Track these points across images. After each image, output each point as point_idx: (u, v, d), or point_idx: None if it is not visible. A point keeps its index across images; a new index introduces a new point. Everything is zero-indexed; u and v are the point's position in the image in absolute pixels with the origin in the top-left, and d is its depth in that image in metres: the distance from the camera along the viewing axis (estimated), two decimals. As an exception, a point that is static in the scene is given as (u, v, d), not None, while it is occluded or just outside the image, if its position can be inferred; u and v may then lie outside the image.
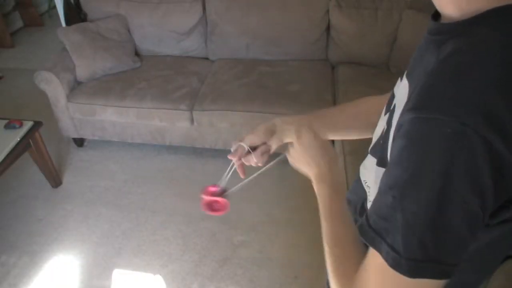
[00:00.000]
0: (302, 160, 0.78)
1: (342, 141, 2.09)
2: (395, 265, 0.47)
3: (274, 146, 0.87)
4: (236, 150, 0.92)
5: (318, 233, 0.63)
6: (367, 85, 2.42)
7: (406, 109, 0.48)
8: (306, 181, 0.75)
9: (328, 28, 2.73)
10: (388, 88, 0.90)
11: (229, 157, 0.93)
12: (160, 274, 2.00)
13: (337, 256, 0.61)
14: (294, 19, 2.69)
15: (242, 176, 0.97)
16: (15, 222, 2.31)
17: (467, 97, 0.42)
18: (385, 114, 0.68)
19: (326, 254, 0.63)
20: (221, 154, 2.70)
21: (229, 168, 0.98)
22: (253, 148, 0.91)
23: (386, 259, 0.48)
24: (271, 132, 0.87)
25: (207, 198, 1.01)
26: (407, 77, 0.59)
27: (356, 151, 1.98)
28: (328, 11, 2.65)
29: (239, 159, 0.93)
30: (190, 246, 2.13)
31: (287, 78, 2.60)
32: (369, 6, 2.60)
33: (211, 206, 1.03)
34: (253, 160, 0.92)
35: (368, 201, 0.75)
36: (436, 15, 0.56)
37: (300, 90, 2.48)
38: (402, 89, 0.60)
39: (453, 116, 0.42)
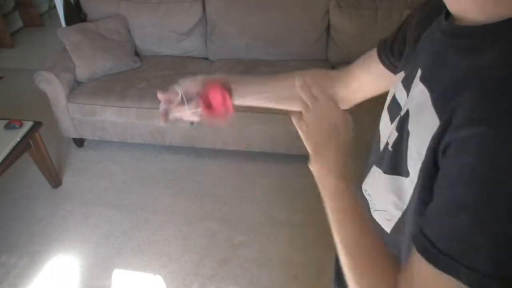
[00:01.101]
0: (313, 137, 0.67)
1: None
2: (481, 286, 0.44)
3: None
4: (167, 92, 0.82)
5: (318, 233, 0.62)
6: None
7: (459, 124, 0.45)
8: (306, 181, 0.71)
9: (328, 28, 2.73)
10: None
11: (158, 95, 0.84)
12: (160, 274, 2.00)
13: (366, 270, 0.56)
14: (294, 19, 2.69)
15: (162, 123, 0.85)
16: (15, 222, 2.31)
17: None
18: (392, 121, 0.66)
19: (347, 266, 0.58)
20: (221, 154, 2.70)
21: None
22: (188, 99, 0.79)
23: (467, 281, 0.44)
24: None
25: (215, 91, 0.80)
26: (424, 82, 0.55)
27: (356, 152, 1.98)
28: (328, 11, 2.65)
29: (168, 102, 0.84)
30: (190, 246, 2.13)
31: (287, 78, 2.60)
32: (369, 6, 2.60)
33: (211, 104, 0.84)
34: (185, 112, 0.82)
35: (371, 210, 0.73)
36: (447, 14, 0.53)
37: (300, 90, 2.48)
38: (417, 95, 0.57)
39: None
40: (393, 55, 0.73)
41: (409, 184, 0.54)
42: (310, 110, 0.66)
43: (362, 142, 0.77)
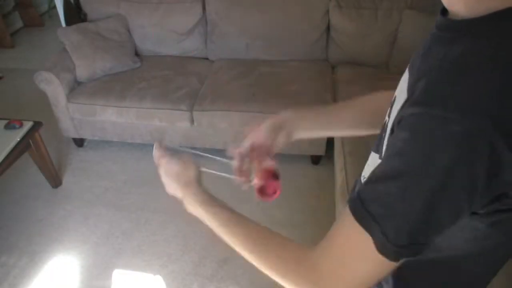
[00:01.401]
0: (168, 187, 0.88)
1: (342, 141, 2.09)
2: (382, 249, 0.49)
3: (282, 143, 0.89)
4: (235, 148, 0.91)
5: (318, 233, 0.63)
6: (367, 85, 2.42)
7: (411, 102, 0.49)
8: (306, 181, 0.73)
9: (328, 28, 2.73)
10: (388, 88, 0.89)
11: (230, 152, 0.93)
12: (160, 275, 2.00)
13: (268, 251, 0.65)
14: (294, 19, 2.69)
15: (245, 187, 0.97)
16: (15, 222, 2.31)
17: (477, 97, 0.44)
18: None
19: (253, 258, 0.67)
20: (221, 154, 2.69)
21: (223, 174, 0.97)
22: (257, 149, 0.88)
23: (376, 242, 0.49)
24: (278, 129, 0.88)
25: (264, 177, 0.89)
26: (409, 70, 0.59)
27: (356, 152, 1.98)
28: (328, 11, 2.65)
29: (238, 161, 0.92)
30: (190, 246, 2.13)
31: (287, 78, 2.60)
32: (369, 6, 2.60)
33: (264, 189, 0.92)
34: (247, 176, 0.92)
35: None
36: (445, 10, 0.56)
37: (300, 90, 2.48)
38: (402, 82, 0.61)
39: (462, 116, 0.43)
40: None
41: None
42: (160, 172, 0.89)
43: (367, 147, 0.79)
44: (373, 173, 0.53)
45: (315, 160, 2.56)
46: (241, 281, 1.94)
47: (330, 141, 2.43)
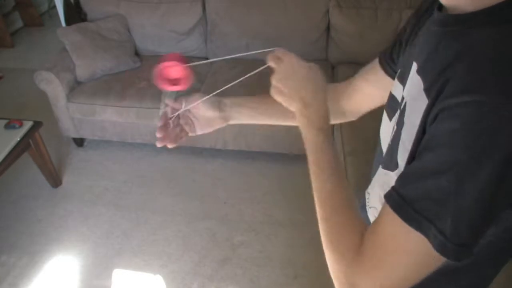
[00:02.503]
0: (284, 90, 0.68)
1: (342, 141, 2.09)
2: (441, 249, 0.47)
3: (217, 125, 0.87)
4: (173, 101, 0.87)
5: (318, 233, 0.62)
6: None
7: (450, 93, 0.47)
8: (306, 181, 0.72)
9: (328, 28, 2.73)
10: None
11: (166, 101, 0.88)
12: (160, 274, 2.00)
13: (336, 224, 0.59)
14: (294, 19, 2.69)
15: (160, 123, 0.87)
16: (15, 222, 2.31)
17: None
18: (390, 119, 0.68)
19: (320, 220, 0.60)
20: (221, 154, 2.70)
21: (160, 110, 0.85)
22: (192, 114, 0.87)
23: (432, 242, 0.47)
24: (220, 109, 0.87)
25: (165, 64, 0.80)
26: (419, 74, 0.58)
27: (356, 152, 1.99)
28: (328, 11, 2.65)
29: (169, 111, 0.87)
30: (190, 246, 2.13)
31: (287, 78, 2.60)
32: (369, 6, 2.60)
33: (167, 77, 0.83)
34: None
35: (367, 207, 0.74)
36: (440, 6, 0.56)
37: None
38: (413, 87, 0.59)
39: (506, 98, 0.42)
40: (394, 62, 0.75)
41: (395, 177, 0.56)
42: (278, 71, 0.69)
43: (367, 147, 0.78)
44: (411, 170, 0.51)
45: (315, 160, 2.56)
46: (241, 281, 1.94)
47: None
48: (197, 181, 2.53)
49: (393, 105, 0.67)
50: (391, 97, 0.69)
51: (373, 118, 0.91)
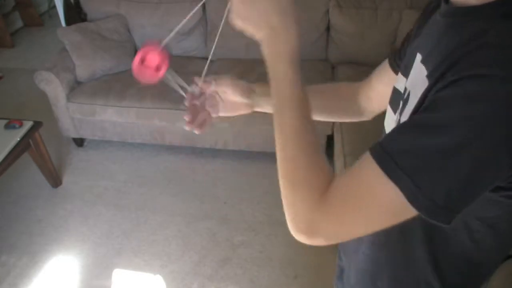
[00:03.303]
0: (247, 15, 0.60)
1: (342, 141, 2.09)
2: (412, 198, 0.46)
3: (243, 111, 0.86)
4: (203, 82, 0.86)
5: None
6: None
7: (457, 69, 0.46)
8: None
9: (328, 28, 2.73)
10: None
11: (196, 80, 0.87)
12: (160, 274, 2.00)
13: (302, 164, 0.55)
14: (294, 19, 2.69)
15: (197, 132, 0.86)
16: (15, 222, 2.31)
17: None
18: (395, 112, 0.69)
19: (281, 156, 0.56)
20: (221, 154, 2.70)
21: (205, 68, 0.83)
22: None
23: (403, 190, 0.47)
24: (249, 95, 0.86)
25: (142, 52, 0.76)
26: (423, 63, 0.58)
27: (356, 152, 1.98)
28: (328, 11, 2.65)
29: (197, 93, 0.88)
30: (190, 246, 2.13)
31: (287, 78, 2.60)
32: (369, 6, 2.60)
33: (143, 65, 0.79)
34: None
35: None
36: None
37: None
38: (416, 76, 0.59)
39: None
40: (401, 60, 0.76)
41: None
42: None
43: (367, 147, 0.79)
44: (399, 126, 0.51)
45: (315, 160, 2.56)
46: (241, 281, 1.94)
47: (330, 141, 2.44)
48: (197, 181, 2.53)
49: (396, 98, 0.68)
50: (394, 90, 0.70)
51: (373, 118, 0.92)
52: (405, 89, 0.64)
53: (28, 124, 2.25)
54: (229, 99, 0.87)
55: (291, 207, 0.57)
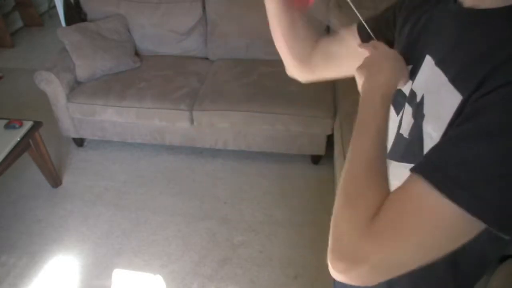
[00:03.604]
0: (372, 64, 0.68)
1: (342, 141, 2.09)
2: (479, 212, 0.43)
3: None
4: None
5: (318, 233, 0.62)
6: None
7: (504, 74, 0.45)
8: (306, 181, 0.72)
9: (328, 28, 2.73)
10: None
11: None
12: (160, 274, 2.00)
13: (362, 180, 0.53)
14: (294, 19, 2.69)
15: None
16: (15, 222, 2.31)
17: None
18: (398, 113, 0.69)
19: (346, 175, 0.56)
20: (221, 154, 2.70)
21: None
22: None
23: (465, 206, 0.43)
24: None
25: None
26: (439, 66, 0.57)
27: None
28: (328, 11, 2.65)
29: None
30: (190, 246, 2.13)
31: (287, 78, 2.57)
32: (369, 6, 2.60)
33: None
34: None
35: None
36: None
37: (300, 90, 2.48)
38: (432, 79, 0.59)
39: None
40: (378, 29, 0.79)
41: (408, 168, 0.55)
42: (372, 55, 0.70)
43: None
44: (444, 140, 0.49)
45: (315, 160, 2.56)
46: (241, 281, 1.94)
47: (330, 141, 2.44)
48: (197, 181, 2.53)
49: (399, 100, 0.68)
50: (399, 92, 0.69)
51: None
52: (413, 92, 0.64)
53: (28, 124, 2.25)
54: None
55: (337, 227, 0.52)
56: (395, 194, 0.50)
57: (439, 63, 0.58)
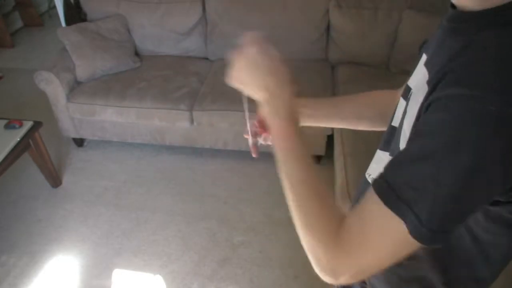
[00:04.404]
0: (244, 80, 0.65)
1: (342, 142, 2.09)
2: (416, 233, 0.48)
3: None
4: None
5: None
6: (367, 85, 2.41)
7: (444, 85, 0.48)
8: None
9: (328, 28, 2.73)
10: (388, 88, 0.90)
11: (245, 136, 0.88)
12: (160, 274, 2.00)
13: (311, 210, 0.58)
14: (294, 19, 2.69)
15: (254, 156, 0.86)
16: (15, 222, 2.31)
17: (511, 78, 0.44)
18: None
19: (293, 205, 0.60)
20: (221, 154, 2.70)
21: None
22: None
23: (409, 227, 0.49)
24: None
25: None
26: (426, 66, 0.59)
27: (356, 152, 1.98)
28: (328, 11, 2.65)
29: (254, 135, 0.87)
30: (190, 246, 2.13)
31: (287, 78, 2.60)
32: (369, 6, 2.60)
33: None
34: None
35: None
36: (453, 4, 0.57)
37: (300, 90, 2.48)
38: (419, 78, 0.61)
39: (497, 95, 0.43)
40: None
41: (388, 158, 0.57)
42: (238, 61, 0.65)
43: (367, 147, 0.80)
44: (398, 157, 0.52)
45: (315, 160, 2.56)
46: (241, 281, 1.94)
47: (330, 141, 2.44)
48: (197, 181, 2.53)
49: (405, 93, 0.69)
50: (407, 87, 0.70)
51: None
52: (408, 87, 0.65)
53: (28, 124, 2.25)
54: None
55: (311, 251, 0.59)
56: (358, 209, 0.55)
57: (427, 63, 0.60)
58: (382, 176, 0.52)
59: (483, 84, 0.45)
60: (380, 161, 0.73)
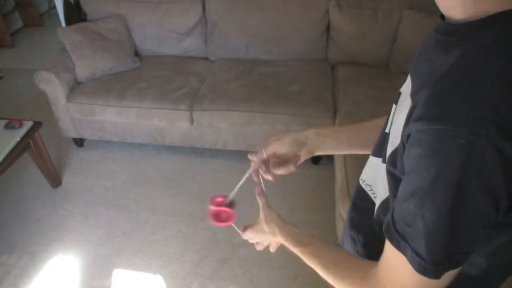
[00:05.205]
0: (259, 239, 1.00)
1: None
2: (421, 270, 0.50)
3: (303, 158, 0.89)
4: (256, 155, 0.93)
5: (318, 233, 0.64)
6: (367, 85, 2.42)
7: (416, 117, 0.49)
8: (306, 181, 0.75)
9: (328, 28, 2.73)
10: (388, 88, 0.90)
11: (249, 156, 0.95)
12: (160, 274, 2.00)
13: (338, 268, 0.67)
14: (294, 19, 2.69)
15: (256, 180, 0.99)
16: (15, 222, 2.31)
17: (478, 106, 0.43)
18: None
19: (326, 276, 0.69)
20: (221, 154, 2.70)
21: (242, 180, 1.00)
22: (278, 157, 0.91)
23: (411, 263, 0.50)
24: (300, 144, 0.88)
25: (214, 208, 1.08)
26: (411, 74, 0.60)
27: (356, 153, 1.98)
28: (328, 11, 2.65)
29: (256, 165, 0.95)
30: (190, 246, 2.13)
31: (287, 78, 2.60)
32: (369, 6, 2.60)
33: (218, 217, 1.08)
34: (270, 173, 0.96)
35: (374, 199, 0.75)
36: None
37: (300, 90, 2.48)
38: (407, 85, 0.61)
39: (465, 126, 0.43)
40: None
41: (382, 165, 0.59)
42: (247, 237, 1.04)
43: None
44: (398, 194, 0.54)
45: (315, 159, 2.56)
46: (241, 281, 1.94)
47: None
48: (197, 181, 2.53)
49: (396, 101, 0.69)
50: (399, 92, 0.70)
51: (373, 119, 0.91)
52: (399, 93, 0.65)
53: (28, 124, 2.25)
54: (285, 154, 0.93)
55: None
56: (383, 251, 0.59)
57: (411, 72, 0.60)
58: (391, 212, 0.54)
59: (448, 118, 0.45)
60: (373, 167, 0.74)
